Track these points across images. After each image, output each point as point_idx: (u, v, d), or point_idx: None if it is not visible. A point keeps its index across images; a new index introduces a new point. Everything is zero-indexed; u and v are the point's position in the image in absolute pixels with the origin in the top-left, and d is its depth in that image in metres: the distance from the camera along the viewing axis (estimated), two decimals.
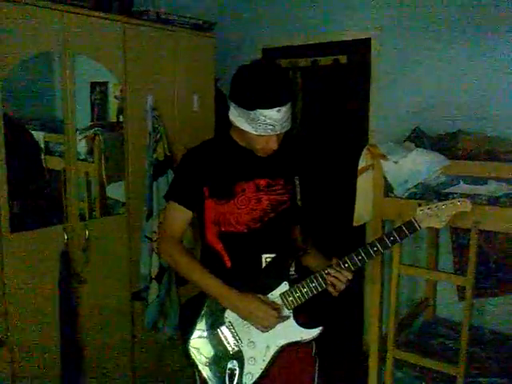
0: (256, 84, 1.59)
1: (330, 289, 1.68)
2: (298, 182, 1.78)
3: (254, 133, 1.61)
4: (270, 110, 1.56)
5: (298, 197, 1.78)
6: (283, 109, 1.58)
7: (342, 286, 1.67)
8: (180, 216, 1.77)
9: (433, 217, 1.74)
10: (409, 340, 2.88)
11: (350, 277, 1.67)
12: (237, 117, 1.64)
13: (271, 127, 1.59)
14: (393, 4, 3.28)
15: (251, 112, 1.58)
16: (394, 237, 1.69)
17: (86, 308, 2.61)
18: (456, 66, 3.08)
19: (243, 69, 1.65)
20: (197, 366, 1.74)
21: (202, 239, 1.82)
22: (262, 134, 1.60)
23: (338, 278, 1.66)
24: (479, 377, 2.51)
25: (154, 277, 2.78)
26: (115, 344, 2.78)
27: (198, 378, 1.75)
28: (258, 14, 3.85)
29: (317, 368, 1.83)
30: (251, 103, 1.57)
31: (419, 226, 1.72)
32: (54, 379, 2.47)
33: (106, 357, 2.73)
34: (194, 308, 1.78)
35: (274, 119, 1.58)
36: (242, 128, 1.63)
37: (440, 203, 1.76)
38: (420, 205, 1.78)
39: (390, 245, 1.69)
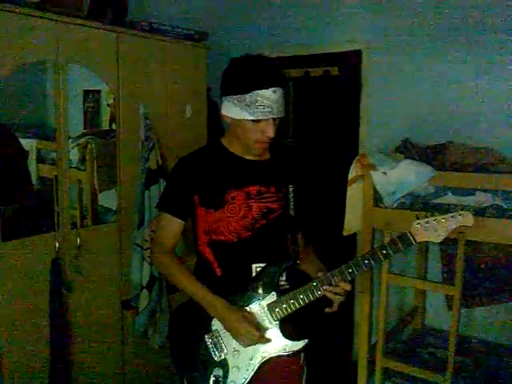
0: (251, 67, 1.63)
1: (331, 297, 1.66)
2: (291, 191, 1.77)
3: (251, 118, 1.60)
4: (266, 91, 1.58)
5: (292, 206, 1.77)
6: (278, 90, 1.60)
7: (339, 300, 1.66)
8: (171, 226, 1.78)
9: (430, 230, 1.63)
10: (397, 349, 2.90)
11: (347, 288, 1.64)
12: (232, 108, 1.63)
13: (269, 109, 1.59)
14: (383, 17, 3.32)
15: (247, 95, 1.59)
16: (386, 250, 1.64)
17: (76, 316, 2.61)
18: (446, 78, 3.12)
19: (235, 60, 1.68)
20: (184, 373, 1.75)
21: (194, 247, 1.83)
22: (260, 117, 1.60)
23: (336, 291, 1.64)
24: None
25: (144, 285, 2.78)
26: (105, 352, 2.77)
27: None
28: (250, 25, 3.88)
29: (304, 377, 1.82)
30: (248, 86, 1.59)
31: (414, 240, 1.63)
32: None
33: (96, 364, 2.72)
34: (184, 315, 1.80)
35: (271, 100, 1.59)
36: (238, 118, 1.63)
37: (439, 216, 1.64)
38: (418, 217, 1.65)
39: (382, 259, 1.64)
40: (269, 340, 1.68)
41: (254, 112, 1.60)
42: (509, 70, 2.91)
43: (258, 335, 1.64)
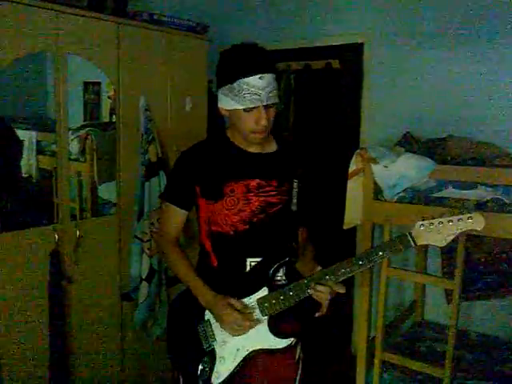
0: (236, 55, 1.62)
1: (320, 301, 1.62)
2: (296, 186, 1.75)
3: (241, 107, 1.59)
4: (251, 78, 1.56)
5: (294, 201, 1.74)
6: (266, 76, 1.58)
7: (325, 301, 1.61)
8: (174, 216, 1.79)
9: (433, 233, 1.50)
10: (397, 343, 2.91)
11: (338, 289, 1.58)
12: (224, 100, 1.63)
13: (256, 97, 1.57)
14: (386, 10, 3.31)
15: (235, 84, 1.58)
16: (383, 252, 1.55)
17: (75, 308, 2.61)
18: (447, 72, 3.11)
19: (224, 50, 1.68)
20: (177, 362, 1.78)
21: (198, 237, 1.83)
22: (249, 105, 1.58)
23: (321, 291, 1.58)
24: (466, 379, 2.53)
25: (144, 278, 2.78)
26: (104, 344, 2.78)
27: (180, 377, 1.79)
28: (251, 18, 3.86)
29: (299, 374, 1.80)
30: (233, 75, 1.58)
31: (414, 243, 1.52)
32: (42, 377, 2.47)
33: (95, 356, 2.73)
34: (180, 304, 1.83)
35: (258, 87, 1.57)
36: (230, 109, 1.62)
37: (445, 219, 1.49)
38: (424, 218, 1.52)
39: (378, 260, 1.55)
40: (255, 333, 1.66)
41: (243, 101, 1.58)
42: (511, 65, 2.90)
43: (246, 325, 1.62)
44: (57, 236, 2.48)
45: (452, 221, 1.49)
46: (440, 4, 3.11)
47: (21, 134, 2.57)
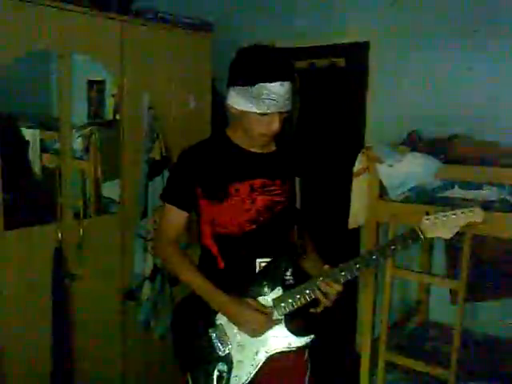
0: (259, 58, 1.58)
1: (321, 298, 1.64)
2: (299, 183, 1.75)
3: (257, 111, 1.57)
4: (273, 84, 1.54)
5: (298, 199, 1.75)
6: (286, 84, 1.56)
7: (332, 297, 1.63)
8: (174, 217, 1.76)
9: (439, 226, 1.60)
10: (401, 343, 2.89)
11: (340, 288, 1.62)
12: (238, 100, 1.60)
13: (275, 102, 1.55)
14: (392, 9, 3.29)
15: (254, 87, 1.55)
16: (395, 246, 1.61)
17: (78, 306, 2.60)
18: (453, 71, 3.09)
19: (243, 50, 1.64)
20: (187, 368, 1.74)
21: (199, 240, 1.81)
22: (266, 111, 1.57)
23: (330, 286, 1.61)
24: (470, 380, 2.52)
25: (147, 276, 2.77)
26: (107, 342, 2.77)
27: (189, 378, 1.75)
28: (256, 15, 3.85)
29: (308, 373, 1.81)
30: (254, 77, 1.55)
31: (424, 237, 1.61)
32: (45, 375, 2.47)
33: (98, 354, 2.72)
34: (187, 309, 1.79)
35: (278, 94, 1.55)
36: (244, 109, 1.60)
37: (449, 212, 1.61)
38: (428, 213, 1.63)
39: (390, 255, 1.63)
40: (274, 334, 1.66)
41: (260, 105, 1.56)
42: None
43: (266, 320, 1.62)
44: (60, 234, 2.47)
45: (455, 214, 1.61)
46: (445, 4, 3.09)
47: (24, 132, 2.57)
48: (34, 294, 2.40)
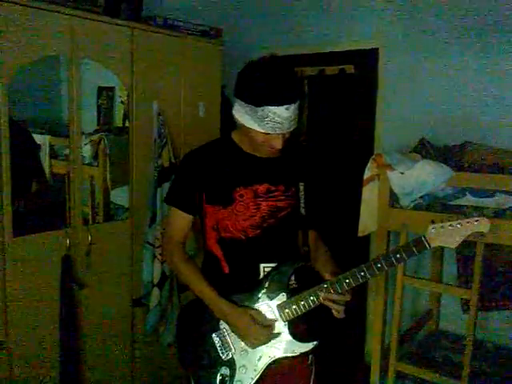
0: (265, 80, 1.53)
1: (330, 305, 1.62)
2: (302, 189, 1.73)
3: (261, 131, 1.56)
4: (278, 108, 1.51)
5: (302, 204, 1.73)
6: (292, 107, 1.53)
7: (340, 307, 1.61)
8: (179, 220, 1.76)
9: (445, 235, 1.57)
10: (411, 352, 2.86)
11: (348, 298, 1.61)
12: (243, 114, 1.58)
13: (279, 125, 1.54)
14: (401, 15, 3.28)
15: (259, 109, 1.52)
16: (400, 255, 1.59)
17: (86, 313, 2.60)
18: (463, 78, 3.07)
19: (251, 65, 1.60)
20: (191, 371, 1.75)
21: (203, 244, 1.81)
22: (269, 132, 1.55)
23: (334, 299, 1.60)
24: None
25: (155, 283, 2.76)
26: (115, 350, 2.76)
27: (192, 382, 1.76)
28: (265, 22, 3.85)
29: (312, 378, 1.79)
30: (260, 100, 1.52)
31: (429, 246, 1.58)
32: (53, 381, 2.46)
33: (106, 361, 2.71)
34: (191, 313, 1.79)
35: (283, 117, 1.53)
36: (248, 126, 1.58)
37: (455, 221, 1.57)
38: (433, 221, 1.59)
39: (395, 263, 1.59)
40: (277, 340, 1.65)
41: (264, 126, 1.54)
42: None
43: (267, 333, 1.62)
44: (69, 240, 2.47)
45: (461, 224, 1.57)
46: (455, 10, 3.08)
47: (34, 137, 2.57)
48: (43, 300, 2.40)
